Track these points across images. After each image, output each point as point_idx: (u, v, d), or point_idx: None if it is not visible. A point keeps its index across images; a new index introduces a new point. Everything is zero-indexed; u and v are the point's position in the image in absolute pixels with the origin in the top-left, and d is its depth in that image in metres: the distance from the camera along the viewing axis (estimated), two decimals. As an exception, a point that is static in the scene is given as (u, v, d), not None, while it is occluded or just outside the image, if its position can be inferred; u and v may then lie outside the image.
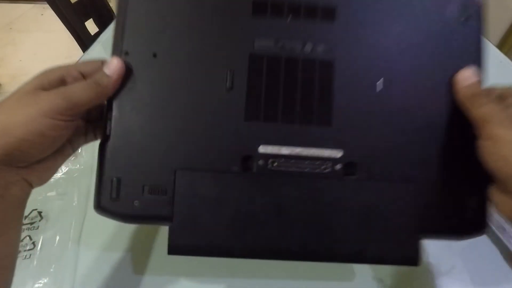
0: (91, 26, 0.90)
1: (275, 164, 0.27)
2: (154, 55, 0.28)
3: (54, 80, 0.25)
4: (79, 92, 0.25)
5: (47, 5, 0.85)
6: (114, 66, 0.26)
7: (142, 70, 0.28)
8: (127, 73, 0.27)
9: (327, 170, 0.27)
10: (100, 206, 0.27)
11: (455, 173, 0.28)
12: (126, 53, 0.28)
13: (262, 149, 0.27)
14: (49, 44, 1.65)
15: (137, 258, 0.36)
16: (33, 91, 0.24)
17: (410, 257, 0.27)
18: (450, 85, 0.28)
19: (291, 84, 0.28)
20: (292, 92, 0.28)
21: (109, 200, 0.27)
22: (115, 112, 0.27)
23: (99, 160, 0.27)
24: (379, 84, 0.28)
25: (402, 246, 0.27)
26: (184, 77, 0.28)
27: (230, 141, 0.27)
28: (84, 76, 0.27)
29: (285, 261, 0.27)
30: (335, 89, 0.28)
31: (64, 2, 0.83)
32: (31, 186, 0.26)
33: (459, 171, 0.28)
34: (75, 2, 0.87)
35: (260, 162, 0.27)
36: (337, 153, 0.27)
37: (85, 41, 0.89)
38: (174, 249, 0.26)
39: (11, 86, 1.47)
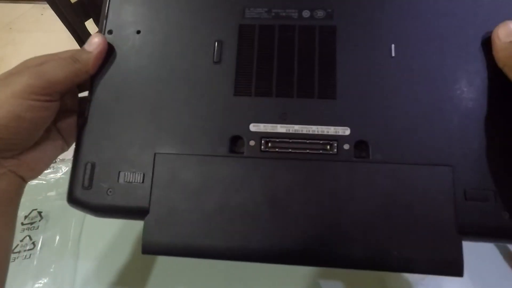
0: (91, 26, 0.90)
1: (269, 145, 0.23)
2: (138, 32, 0.26)
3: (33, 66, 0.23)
4: (54, 69, 0.23)
5: (47, 5, 0.85)
6: (94, 41, 0.25)
7: (125, 49, 0.26)
8: (110, 52, 0.26)
9: (332, 151, 0.23)
10: (73, 197, 0.24)
11: (499, 153, 0.22)
12: (110, 32, 0.26)
13: (254, 127, 0.23)
14: (49, 44, 1.65)
15: (137, 258, 0.36)
16: (4, 75, 0.23)
17: (451, 264, 0.21)
18: (486, 43, 0.23)
19: (287, 53, 0.25)
20: (288, 61, 0.24)
21: (82, 189, 0.24)
22: (94, 92, 0.25)
23: (75, 146, 0.25)
24: (393, 49, 0.24)
25: (439, 248, 0.21)
26: (168, 52, 0.26)
27: (216, 119, 0.24)
28: None
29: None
30: (339, 57, 0.24)
31: (64, 2, 0.83)
32: (22, 180, 0.24)
33: (504, 151, 0.22)
34: (75, 2, 0.87)
35: (252, 142, 0.23)
36: (344, 131, 0.23)
37: (85, 41, 0.89)
38: (148, 247, 0.22)
39: (11, 86, 1.47)
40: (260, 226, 0.22)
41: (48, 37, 1.70)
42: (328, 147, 0.23)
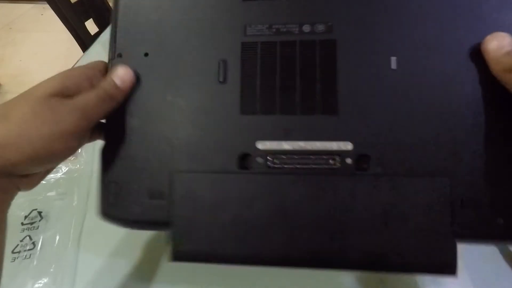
0: (91, 26, 0.90)
1: (276, 161, 0.24)
2: (146, 55, 0.27)
3: (73, 88, 0.24)
4: (96, 108, 0.24)
5: (47, 5, 0.85)
6: (125, 77, 0.25)
7: (135, 71, 0.27)
8: None
9: (336, 166, 0.24)
10: (102, 212, 0.26)
11: (497, 163, 0.23)
12: (119, 55, 0.27)
13: (261, 145, 0.24)
14: (49, 44, 1.65)
15: (137, 258, 0.36)
16: (48, 100, 0.22)
17: (444, 263, 0.22)
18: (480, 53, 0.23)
19: (289, 69, 0.25)
20: (290, 78, 0.25)
21: (109, 205, 0.26)
22: (112, 116, 0.26)
23: (100, 165, 0.27)
24: (393, 62, 0.24)
25: (433, 250, 0.22)
26: (175, 74, 0.26)
27: (225, 138, 0.25)
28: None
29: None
30: (340, 72, 0.24)
31: (64, 2, 0.84)
32: (18, 190, 0.25)
33: (502, 160, 0.23)
34: (75, 2, 0.87)
35: (259, 159, 0.24)
36: (346, 145, 0.24)
37: (85, 41, 0.89)
38: (177, 256, 0.25)
39: (11, 86, 1.48)
40: (272, 235, 0.24)
41: (48, 37, 1.71)
42: (331, 161, 0.24)
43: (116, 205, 0.26)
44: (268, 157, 0.24)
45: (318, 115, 0.24)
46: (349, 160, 0.24)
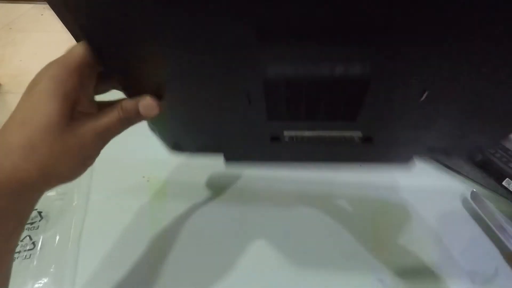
0: (91, 26, 0.90)
1: (299, 139, 0.31)
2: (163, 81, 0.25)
3: (73, 102, 0.23)
4: (116, 131, 0.25)
5: (47, 5, 0.85)
6: (149, 109, 0.25)
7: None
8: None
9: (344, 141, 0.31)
10: (171, 148, 0.34)
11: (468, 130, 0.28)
12: None
13: (287, 132, 0.30)
14: (49, 44, 1.65)
15: (137, 258, 0.36)
16: (65, 128, 0.23)
17: (402, 158, 0.33)
18: None
19: (315, 103, 0.25)
20: (316, 106, 0.25)
21: (172, 148, 0.34)
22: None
23: (156, 132, 0.32)
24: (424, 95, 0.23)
25: (397, 155, 0.34)
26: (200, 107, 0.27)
27: (258, 131, 0.30)
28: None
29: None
30: (366, 103, 0.24)
31: (64, 2, 0.84)
32: None
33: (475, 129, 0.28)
34: (75, 2, 0.87)
35: (286, 138, 0.31)
36: (357, 133, 0.30)
37: (85, 41, 0.89)
38: (228, 158, 0.35)
39: (11, 86, 1.48)
40: (291, 157, 0.37)
41: (48, 37, 1.71)
42: (343, 139, 0.31)
43: (177, 148, 0.34)
44: (293, 138, 0.31)
45: (338, 122, 0.28)
46: (357, 139, 0.30)
